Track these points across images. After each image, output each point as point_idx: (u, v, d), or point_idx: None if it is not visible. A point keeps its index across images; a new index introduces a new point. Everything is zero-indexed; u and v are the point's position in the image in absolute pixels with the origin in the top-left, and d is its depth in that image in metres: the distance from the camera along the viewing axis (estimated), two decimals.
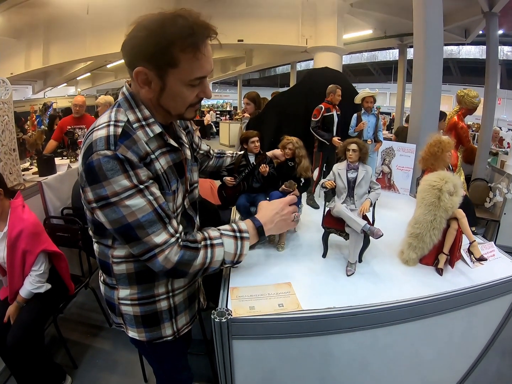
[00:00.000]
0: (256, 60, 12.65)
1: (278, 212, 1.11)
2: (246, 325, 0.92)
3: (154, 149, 0.94)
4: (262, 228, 1.07)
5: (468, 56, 15.62)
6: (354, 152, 1.20)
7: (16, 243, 1.84)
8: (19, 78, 10.67)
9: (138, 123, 0.92)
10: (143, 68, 0.85)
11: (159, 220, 0.90)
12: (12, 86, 2.71)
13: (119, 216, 0.86)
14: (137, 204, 0.86)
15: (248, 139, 1.44)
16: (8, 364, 1.99)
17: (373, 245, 1.27)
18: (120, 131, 0.88)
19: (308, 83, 2.55)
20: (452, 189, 1.14)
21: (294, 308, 0.95)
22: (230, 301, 0.98)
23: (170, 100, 0.92)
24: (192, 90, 0.91)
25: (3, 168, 2.47)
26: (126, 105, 0.94)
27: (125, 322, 1.13)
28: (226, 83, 24.41)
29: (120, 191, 0.84)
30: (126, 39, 0.87)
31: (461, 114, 2.67)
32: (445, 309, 1.04)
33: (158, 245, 0.89)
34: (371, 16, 7.28)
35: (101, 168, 0.83)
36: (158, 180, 0.94)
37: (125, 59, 0.90)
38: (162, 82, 0.88)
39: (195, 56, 0.85)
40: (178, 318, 1.15)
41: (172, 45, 0.82)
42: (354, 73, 20.95)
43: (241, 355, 0.97)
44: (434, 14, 2.53)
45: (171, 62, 0.84)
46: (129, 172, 0.85)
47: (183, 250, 0.93)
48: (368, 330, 0.98)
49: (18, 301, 1.91)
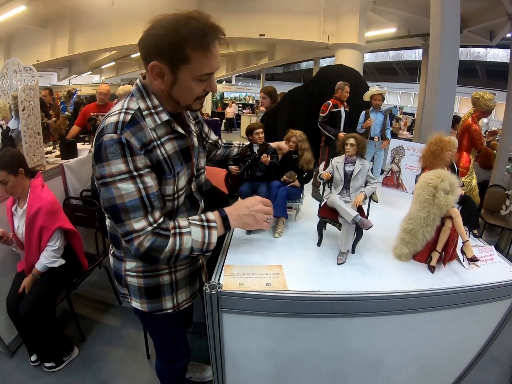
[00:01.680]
0: (278, 55, 12.62)
1: (248, 207, 1.16)
2: (235, 299, 0.99)
3: (161, 135, 1.05)
4: (226, 218, 1.12)
5: (495, 59, 15.12)
6: (352, 146, 1.23)
7: (34, 220, 1.95)
8: (45, 65, 11.00)
9: (148, 111, 1.03)
10: (158, 62, 0.95)
11: (142, 208, 0.98)
12: (38, 72, 2.83)
13: (110, 196, 0.96)
14: (126, 189, 0.96)
15: (253, 131, 1.51)
16: (20, 332, 2.13)
17: (369, 239, 1.31)
18: (129, 118, 0.98)
19: (322, 80, 2.57)
20: (448, 188, 1.16)
21: (281, 288, 1.00)
22: (223, 277, 1.05)
23: (180, 92, 1.01)
24: (200, 84, 1.01)
25: (27, 150, 2.60)
26: (138, 95, 1.04)
27: (129, 293, 1.24)
28: (250, 76, 24.37)
29: (115, 173, 0.94)
30: (144, 35, 0.96)
31: (476, 116, 2.63)
32: (431, 306, 1.06)
33: (136, 230, 0.98)
34: (395, 14, 7.15)
35: (106, 150, 0.94)
36: (159, 165, 1.03)
37: (141, 53, 0.99)
38: (174, 76, 0.97)
39: (204, 55, 0.95)
40: (178, 293, 1.26)
41: (185, 44, 0.92)
42: (379, 72, 20.59)
43: (229, 328, 1.03)
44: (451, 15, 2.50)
45: (183, 59, 0.94)
46: (127, 158, 0.95)
47: (155, 236, 1.00)
48: (350, 318, 1.02)
49: (33, 273, 2.03)
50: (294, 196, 1.43)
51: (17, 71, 2.80)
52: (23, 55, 9.13)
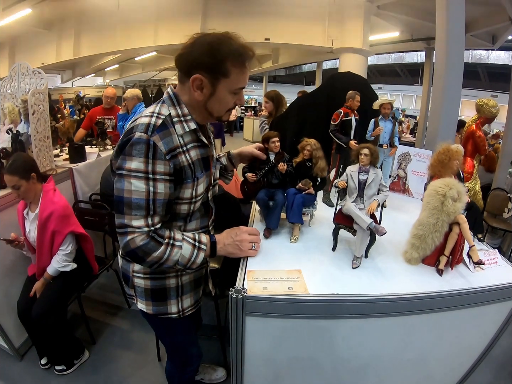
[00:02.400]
0: (282, 58, 12.68)
1: (232, 237, 1.24)
2: (259, 303, 1.04)
3: (188, 142, 1.12)
4: (215, 244, 1.21)
5: (497, 61, 15.15)
6: (366, 156, 1.30)
7: (46, 224, 1.98)
8: (49, 68, 11.02)
9: (178, 118, 1.11)
10: (200, 75, 1.04)
11: (145, 209, 1.04)
12: (46, 75, 2.86)
13: (121, 188, 1.03)
14: (137, 186, 1.02)
15: (269, 139, 1.55)
16: (31, 335, 2.14)
17: (380, 244, 1.37)
18: (160, 122, 1.06)
19: (330, 87, 2.63)
20: (456, 196, 1.22)
21: (302, 291, 1.06)
22: (246, 282, 1.11)
23: (216, 103, 1.12)
24: (233, 97, 1.13)
25: (37, 154, 2.62)
26: (170, 102, 1.12)
27: (136, 294, 1.30)
28: (252, 79, 24.40)
29: (133, 169, 1.01)
30: (186, 51, 1.06)
31: (480, 123, 2.70)
32: (440, 307, 1.12)
33: (132, 226, 1.04)
34: (398, 18, 7.20)
35: (132, 146, 1.01)
36: (181, 171, 1.09)
37: (182, 67, 1.08)
38: (213, 88, 1.07)
39: (241, 71, 1.08)
40: (184, 298, 1.32)
41: (227, 60, 1.03)
42: (381, 74, 20.62)
43: (252, 330, 1.09)
44: (456, 21, 2.56)
45: (224, 73, 1.05)
46: (149, 160, 1.02)
47: (149, 239, 1.06)
48: (366, 319, 1.08)
49: (45, 277, 2.05)
50: (309, 202, 1.49)
51: (25, 74, 2.82)
52: (28, 57, 9.17)
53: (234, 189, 2.54)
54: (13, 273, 2.23)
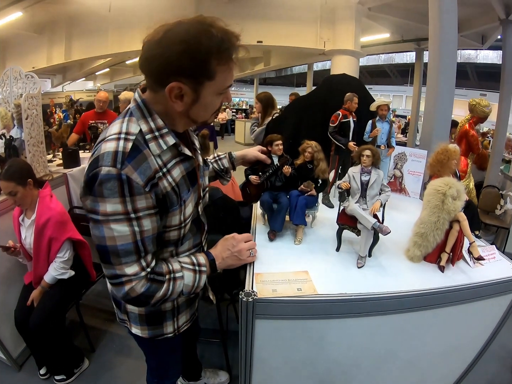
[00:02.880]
0: (274, 61, 12.70)
1: (229, 249, 1.15)
2: (269, 305, 1.06)
3: (167, 160, 0.95)
4: (214, 262, 1.11)
5: (485, 61, 15.39)
6: (368, 157, 1.33)
7: (43, 231, 1.92)
8: (39, 72, 10.90)
9: (151, 134, 0.91)
10: (178, 83, 0.84)
11: (135, 252, 0.90)
12: (39, 80, 2.79)
13: (101, 235, 0.87)
14: (120, 231, 0.86)
15: (272, 142, 1.56)
16: (29, 344, 2.09)
17: (382, 243, 1.40)
18: (130, 146, 0.87)
19: (326, 89, 2.67)
20: (456, 194, 1.26)
21: (311, 292, 1.08)
22: (255, 285, 1.12)
23: (201, 110, 0.93)
24: (220, 97, 0.94)
25: (31, 160, 2.56)
26: (139, 114, 0.92)
27: (129, 319, 1.21)
28: (243, 81, 24.48)
29: (110, 213, 0.84)
30: (152, 53, 0.84)
31: (472, 122, 2.76)
32: (443, 303, 1.16)
33: (127, 275, 0.90)
34: (389, 20, 7.30)
35: (101, 185, 0.83)
36: (164, 199, 0.94)
37: (152, 76, 0.88)
38: (196, 95, 0.88)
39: (229, 67, 0.89)
40: (179, 316, 1.23)
41: (210, 59, 0.83)
42: (370, 75, 20.83)
43: (261, 333, 1.10)
44: (449, 22, 2.62)
45: (210, 75, 0.85)
46: (126, 198, 0.84)
47: (150, 283, 0.95)
48: (375, 316, 1.11)
49: (42, 285, 1.99)
50: (311, 204, 1.52)
51: (18, 78, 2.77)
52: (18, 62, 9.04)
53: (231, 191, 2.55)
54: (9, 281, 2.17)
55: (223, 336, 2.16)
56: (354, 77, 2.64)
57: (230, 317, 2.35)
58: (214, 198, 1.90)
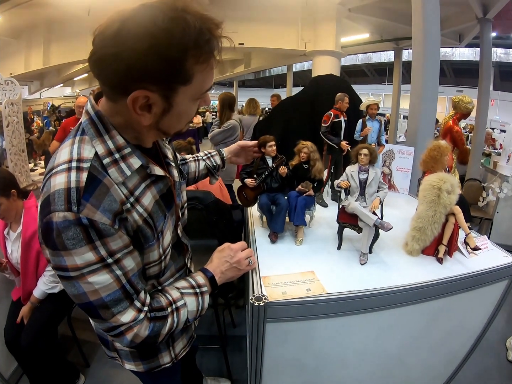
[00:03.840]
0: (254, 63, 12.72)
1: (227, 261, 1.02)
2: (279, 308, 1.06)
3: (135, 185, 0.77)
4: (214, 278, 0.98)
5: (461, 58, 15.87)
6: (365, 156, 1.36)
7: (31, 243, 1.82)
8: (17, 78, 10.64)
9: (110, 158, 0.73)
10: (144, 91, 0.66)
11: (126, 297, 0.76)
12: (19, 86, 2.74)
13: (79, 293, 0.71)
14: (101, 282, 0.71)
15: (266, 143, 1.54)
16: (21, 364, 1.98)
17: (380, 239, 1.43)
18: (85, 178, 0.68)
19: (313, 90, 2.70)
20: (450, 188, 1.31)
21: (320, 292, 1.10)
22: (264, 288, 1.12)
23: (174, 120, 0.76)
24: (197, 103, 0.77)
25: (13, 169, 2.49)
26: (92, 131, 0.73)
27: (120, 356, 1.09)
28: (222, 84, 24.45)
29: (82, 265, 0.68)
30: (106, 52, 0.64)
31: (456, 118, 2.85)
32: (445, 292, 1.20)
33: (125, 323, 0.77)
34: (369, 20, 7.43)
35: (60, 235, 0.65)
36: (136, 235, 0.78)
37: (107, 83, 0.69)
38: (167, 103, 0.70)
39: (209, 66, 0.71)
40: (175, 345, 1.10)
41: (186, 58, 0.65)
42: (348, 74, 21.13)
43: (272, 337, 1.10)
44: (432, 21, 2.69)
45: (184, 78, 0.68)
46: (95, 243, 0.68)
47: (153, 322, 0.82)
48: (383, 311, 1.14)
49: (31, 301, 1.89)
50: (310, 204, 1.54)
51: None
52: None
53: (220, 194, 2.52)
54: None
55: (222, 342, 2.13)
56: (341, 77, 2.71)
57: (226, 322, 2.33)
58: (206, 202, 1.86)
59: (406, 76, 10.07)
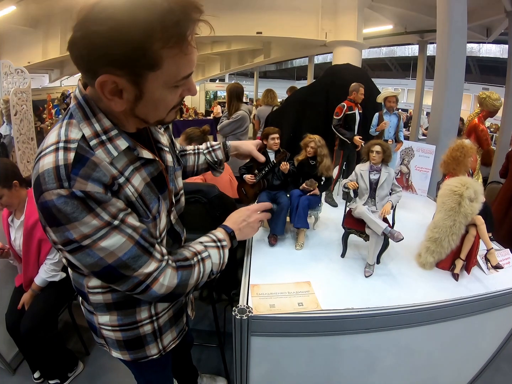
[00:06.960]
0: (274, 53, 12.52)
1: (245, 219, 1.07)
2: (265, 322, 0.95)
3: (123, 167, 0.77)
4: (233, 233, 1.02)
5: (488, 54, 15.20)
6: (377, 154, 1.21)
7: (33, 232, 1.86)
8: (36, 67, 10.81)
9: (97, 139, 0.73)
10: (110, 75, 0.65)
11: (144, 252, 0.78)
12: (29, 74, 2.74)
13: (96, 259, 0.72)
14: (115, 243, 0.72)
15: (268, 135, 1.42)
16: (21, 349, 2.04)
17: (390, 246, 1.30)
18: (72, 157, 0.69)
19: (329, 80, 2.55)
20: (473, 195, 1.16)
21: (314, 308, 0.98)
22: (251, 298, 1.01)
23: (150, 108, 0.74)
24: (176, 91, 0.74)
25: (21, 157, 2.51)
26: (80, 115, 0.74)
27: (107, 344, 1.07)
28: (243, 75, 24.27)
29: (90, 232, 0.69)
30: (79, 34, 0.63)
31: (482, 116, 2.63)
32: (459, 314, 1.07)
33: (150, 274, 0.79)
34: (392, 11, 7.14)
35: (60, 211, 0.67)
36: (132, 206, 0.79)
37: (81, 65, 0.67)
38: (138, 90, 0.69)
39: (182, 51, 0.66)
40: (163, 337, 1.09)
41: (151, 40, 0.62)
42: (371, 68, 20.64)
43: (258, 351, 1.01)
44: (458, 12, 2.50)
45: (151, 64, 0.65)
46: (96, 210, 0.69)
47: (180, 271, 0.85)
48: (383, 332, 1.01)
49: (33, 289, 1.93)
50: (314, 204, 1.40)
51: (8, 73, 2.70)
52: (13, 57, 8.91)
53: (229, 188, 2.44)
54: (0, 283, 2.12)
55: (220, 341, 2.06)
56: (359, 67, 2.53)
57: (228, 318, 2.25)
58: (210, 196, 1.79)
59: (431, 72, 9.69)
